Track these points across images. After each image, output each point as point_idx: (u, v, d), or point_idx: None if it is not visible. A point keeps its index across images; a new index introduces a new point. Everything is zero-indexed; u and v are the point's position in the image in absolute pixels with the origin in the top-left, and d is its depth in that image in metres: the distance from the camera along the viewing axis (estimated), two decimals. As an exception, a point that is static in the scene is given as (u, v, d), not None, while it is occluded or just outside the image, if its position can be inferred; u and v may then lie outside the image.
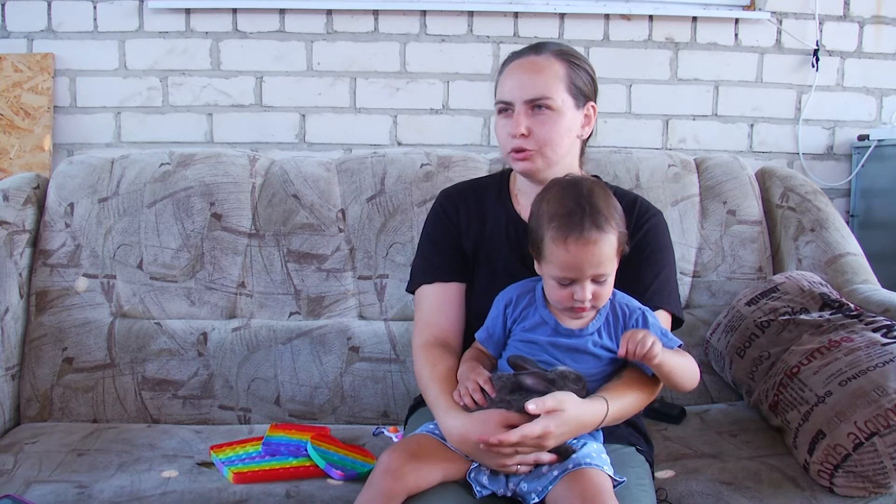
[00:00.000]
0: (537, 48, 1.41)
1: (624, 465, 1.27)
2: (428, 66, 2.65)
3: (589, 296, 1.22)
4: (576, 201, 1.23)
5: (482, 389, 1.23)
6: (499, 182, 1.53)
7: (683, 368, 1.28)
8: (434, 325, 1.42)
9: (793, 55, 2.70)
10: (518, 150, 1.38)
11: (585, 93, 1.41)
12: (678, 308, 1.43)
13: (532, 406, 1.16)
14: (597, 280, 1.23)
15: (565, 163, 1.41)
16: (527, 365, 1.23)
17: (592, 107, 1.43)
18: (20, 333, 1.78)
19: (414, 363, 1.41)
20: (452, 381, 1.31)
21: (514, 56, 1.42)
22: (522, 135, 1.36)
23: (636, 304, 1.31)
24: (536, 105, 1.36)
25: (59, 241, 1.84)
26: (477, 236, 1.47)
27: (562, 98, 1.37)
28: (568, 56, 1.40)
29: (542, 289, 1.30)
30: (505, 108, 1.39)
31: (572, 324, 1.28)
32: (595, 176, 1.48)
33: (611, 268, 1.24)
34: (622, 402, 1.26)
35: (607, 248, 1.21)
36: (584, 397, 1.22)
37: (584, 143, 1.46)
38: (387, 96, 2.66)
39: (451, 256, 1.46)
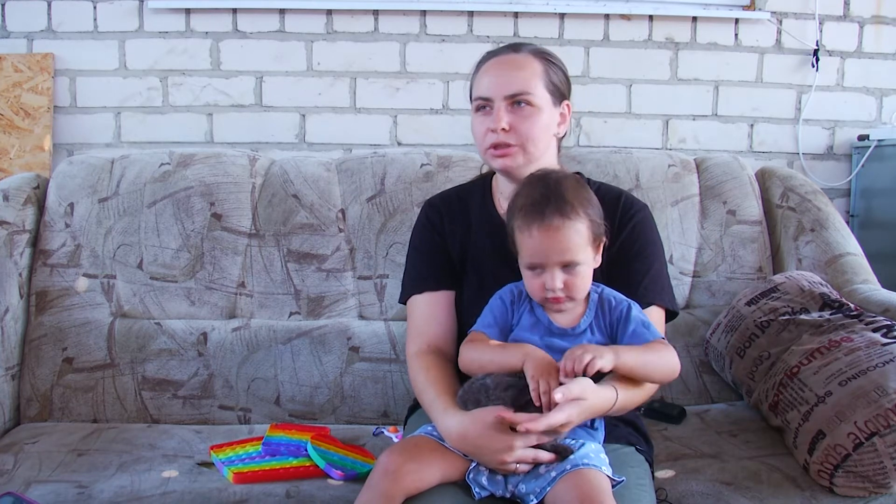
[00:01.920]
0: (515, 47, 1.43)
1: (623, 465, 1.27)
2: (428, 66, 2.65)
3: (559, 284, 1.22)
4: (542, 191, 1.24)
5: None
6: (482, 186, 1.53)
7: (648, 365, 1.25)
8: (426, 334, 1.43)
9: (793, 55, 2.70)
10: (497, 146, 1.38)
11: (562, 91, 1.43)
12: (672, 302, 1.44)
13: (559, 396, 1.14)
14: (566, 268, 1.23)
15: (544, 160, 1.41)
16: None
17: (567, 105, 1.45)
18: (20, 333, 1.78)
19: (409, 371, 1.41)
20: (447, 384, 1.31)
21: (491, 55, 1.43)
22: (503, 129, 1.36)
23: (622, 296, 1.31)
24: (516, 101, 1.37)
25: (59, 241, 1.84)
26: (463, 242, 1.47)
27: (541, 94, 1.38)
28: (544, 55, 1.42)
29: None
30: (483, 105, 1.40)
31: (561, 319, 1.28)
32: (578, 173, 1.48)
33: (581, 256, 1.23)
34: (628, 393, 1.26)
35: (573, 234, 1.22)
36: None
37: (560, 141, 1.47)
38: (387, 96, 2.66)
39: (439, 265, 1.47)
